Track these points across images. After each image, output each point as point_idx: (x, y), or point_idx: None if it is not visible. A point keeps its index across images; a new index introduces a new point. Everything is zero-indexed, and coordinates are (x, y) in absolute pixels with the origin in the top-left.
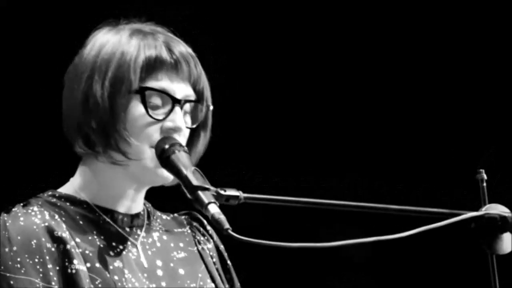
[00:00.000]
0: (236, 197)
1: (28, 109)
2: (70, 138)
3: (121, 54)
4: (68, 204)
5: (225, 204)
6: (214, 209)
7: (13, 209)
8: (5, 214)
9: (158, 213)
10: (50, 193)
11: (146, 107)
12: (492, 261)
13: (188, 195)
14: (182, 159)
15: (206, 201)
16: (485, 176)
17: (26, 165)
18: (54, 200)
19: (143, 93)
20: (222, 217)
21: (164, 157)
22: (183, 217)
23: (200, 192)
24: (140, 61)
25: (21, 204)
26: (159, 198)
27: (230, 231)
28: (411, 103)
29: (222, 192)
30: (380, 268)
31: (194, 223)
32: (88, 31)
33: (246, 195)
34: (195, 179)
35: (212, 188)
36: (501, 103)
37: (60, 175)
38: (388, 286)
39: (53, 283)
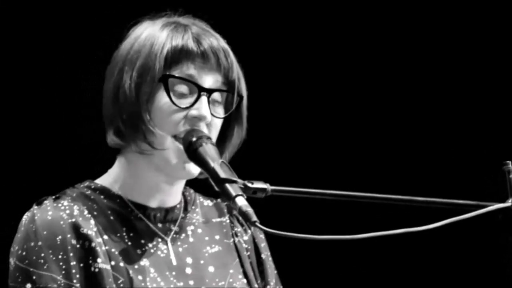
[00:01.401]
0: (264, 189)
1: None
2: (106, 129)
3: (150, 45)
4: (102, 197)
5: (252, 196)
6: (241, 201)
7: (44, 202)
8: (35, 207)
9: (201, 199)
10: (87, 184)
11: (169, 95)
12: None
13: (216, 188)
14: (210, 151)
15: (233, 193)
16: None
17: (69, 154)
18: (89, 192)
19: (166, 81)
20: (249, 210)
21: (192, 150)
22: (225, 203)
23: (227, 185)
24: (165, 51)
25: (53, 196)
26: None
27: (257, 224)
28: (438, 95)
29: (249, 184)
30: (404, 260)
31: (234, 212)
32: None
33: (273, 187)
34: (223, 172)
35: (239, 180)
36: None
37: (104, 165)
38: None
39: (74, 281)
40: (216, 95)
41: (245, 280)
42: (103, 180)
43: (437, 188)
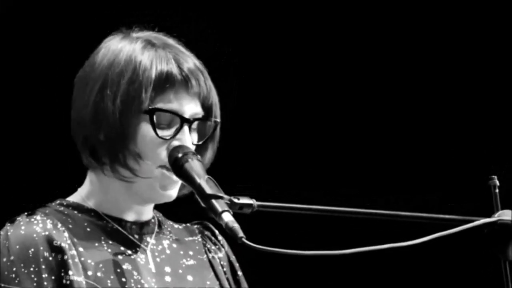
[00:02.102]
0: (250, 205)
1: (38, 116)
2: (77, 146)
3: (133, 68)
4: (76, 212)
5: (238, 212)
6: (228, 217)
7: (17, 219)
8: (9, 224)
9: (170, 223)
10: (58, 201)
11: (154, 128)
12: (505, 267)
13: (202, 204)
14: (196, 167)
15: (220, 209)
16: (497, 183)
17: (36, 175)
18: (61, 208)
19: (152, 114)
20: (236, 226)
21: (178, 166)
22: (195, 226)
23: (213, 201)
24: (152, 79)
25: (26, 213)
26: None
27: (244, 240)
28: (421, 111)
29: (235, 200)
30: (391, 275)
31: (206, 232)
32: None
33: (259, 203)
34: (209, 188)
35: (225, 196)
36: None
37: (70, 184)
38: None
39: None
40: (194, 123)
41: None
42: (75, 197)
43: (423, 203)
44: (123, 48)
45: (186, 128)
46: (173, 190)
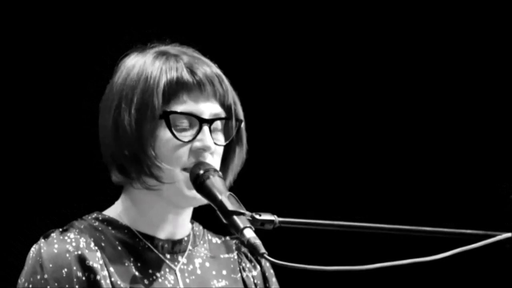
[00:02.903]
0: (271, 221)
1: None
2: (108, 166)
3: (145, 79)
4: (110, 228)
5: (260, 228)
6: (249, 233)
7: (51, 235)
8: (42, 240)
9: (209, 236)
10: (94, 215)
11: (171, 131)
12: None
13: (224, 220)
14: (217, 184)
15: (241, 225)
16: None
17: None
18: (97, 223)
19: (167, 117)
20: (257, 242)
21: (199, 183)
22: (234, 241)
23: (235, 217)
24: (162, 85)
25: (60, 229)
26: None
27: (266, 255)
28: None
29: (257, 216)
30: None
31: (243, 249)
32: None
33: (281, 219)
34: (230, 204)
35: (247, 212)
36: None
37: (109, 196)
38: None
39: None
40: (216, 124)
41: None
42: (111, 212)
43: (443, 218)
44: (136, 63)
45: (206, 128)
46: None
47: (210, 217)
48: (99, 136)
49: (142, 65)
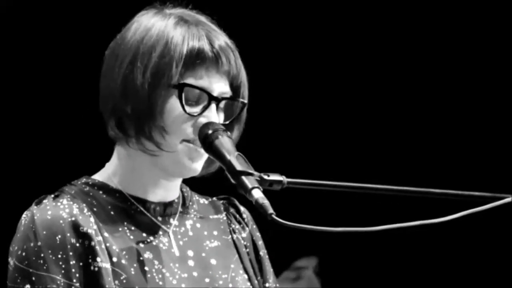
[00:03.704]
0: (280, 181)
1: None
2: (104, 118)
3: (165, 43)
4: (101, 192)
5: (268, 189)
6: (258, 194)
7: (43, 201)
8: (35, 206)
9: (196, 197)
10: (84, 180)
11: (182, 103)
12: None
13: (232, 180)
14: (226, 144)
15: (249, 186)
16: None
17: (64, 150)
18: (87, 188)
19: (181, 89)
20: (266, 202)
21: (208, 142)
22: (221, 201)
23: (243, 177)
24: (183, 54)
25: (52, 195)
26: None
27: (274, 216)
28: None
29: (265, 177)
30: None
31: (231, 209)
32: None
33: (289, 179)
34: (239, 164)
35: (255, 173)
36: None
37: (98, 160)
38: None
39: (74, 280)
40: (221, 102)
41: (246, 276)
42: (101, 176)
43: (453, 180)
44: (155, 23)
45: (213, 106)
46: (198, 163)
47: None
48: (99, 82)
49: (163, 27)
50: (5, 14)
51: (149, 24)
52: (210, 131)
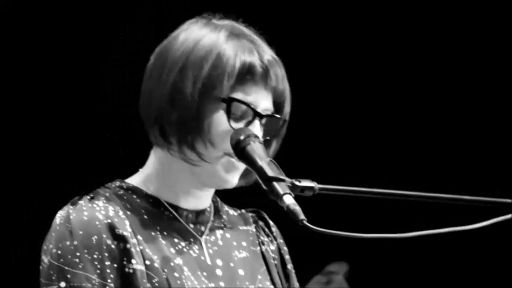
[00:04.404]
0: (311, 188)
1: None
2: (146, 124)
3: (217, 54)
4: (134, 197)
5: (300, 195)
6: (289, 200)
7: (79, 202)
8: (70, 207)
9: (226, 208)
10: (118, 183)
11: (229, 118)
12: None
13: (263, 186)
14: (257, 150)
15: (281, 192)
16: None
17: (98, 154)
18: (121, 192)
19: (230, 104)
20: (297, 208)
21: (239, 148)
22: (250, 214)
23: (275, 183)
24: (235, 68)
25: (88, 196)
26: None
27: (305, 222)
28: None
29: (297, 183)
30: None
31: (260, 222)
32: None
33: (321, 186)
34: (270, 170)
35: (287, 179)
36: None
37: (129, 165)
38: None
39: (109, 281)
40: (263, 119)
41: (272, 287)
42: (134, 180)
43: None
44: (206, 34)
45: (257, 122)
46: (234, 176)
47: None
48: (142, 88)
49: (214, 39)
50: (5, 14)
51: (200, 34)
52: (242, 137)
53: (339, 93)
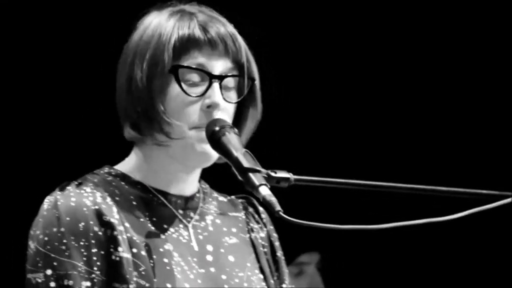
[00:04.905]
0: (287, 179)
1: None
2: (121, 121)
3: (158, 36)
4: (123, 183)
5: (275, 186)
6: (265, 191)
7: (67, 187)
8: (58, 192)
9: (215, 194)
10: (106, 170)
11: (180, 85)
12: None
13: (239, 177)
14: (233, 140)
15: (257, 183)
16: None
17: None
18: (110, 178)
19: (176, 72)
20: (273, 199)
21: (215, 139)
22: (240, 200)
23: (251, 174)
24: (173, 41)
25: (76, 182)
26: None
27: (281, 213)
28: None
29: (272, 174)
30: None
31: (250, 209)
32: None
33: (296, 177)
34: (246, 161)
35: (263, 170)
36: None
37: (117, 151)
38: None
39: (95, 268)
40: (227, 81)
41: (261, 276)
42: (122, 167)
43: (459, 178)
44: (152, 21)
45: (216, 85)
46: (207, 147)
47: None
48: (115, 94)
49: (158, 22)
50: (5, 14)
51: (147, 23)
52: (217, 128)
53: (324, 85)
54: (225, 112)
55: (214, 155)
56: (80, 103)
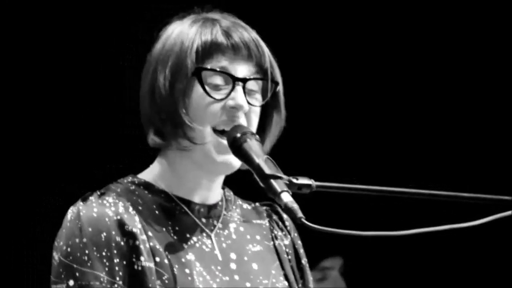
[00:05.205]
0: (309, 185)
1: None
2: (144, 131)
3: (180, 42)
4: (146, 192)
5: (297, 192)
6: (287, 197)
7: (90, 198)
8: (81, 203)
9: (239, 202)
10: (130, 179)
11: (203, 87)
12: None
13: (261, 184)
14: (254, 147)
15: (279, 189)
16: None
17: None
18: (133, 187)
19: (199, 74)
20: (295, 206)
21: (236, 146)
22: (264, 207)
23: (272, 181)
24: (195, 46)
25: (98, 192)
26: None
27: (303, 220)
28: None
29: (294, 180)
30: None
31: (274, 216)
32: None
33: (318, 183)
34: (267, 168)
35: (284, 176)
36: None
37: (142, 160)
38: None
39: (117, 278)
40: (251, 85)
41: (286, 283)
42: (146, 175)
43: (482, 185)
44: (174, 29)
45: (239, 88)
46: (228, 156)
47: (239, 185)
48: (139, 102)
49: (180, 30)
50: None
51: (170, 32)
52: (238, 134)
53: (338, 90)
54: (251, 116)
55: (235, 163)
56: (108, 113)
